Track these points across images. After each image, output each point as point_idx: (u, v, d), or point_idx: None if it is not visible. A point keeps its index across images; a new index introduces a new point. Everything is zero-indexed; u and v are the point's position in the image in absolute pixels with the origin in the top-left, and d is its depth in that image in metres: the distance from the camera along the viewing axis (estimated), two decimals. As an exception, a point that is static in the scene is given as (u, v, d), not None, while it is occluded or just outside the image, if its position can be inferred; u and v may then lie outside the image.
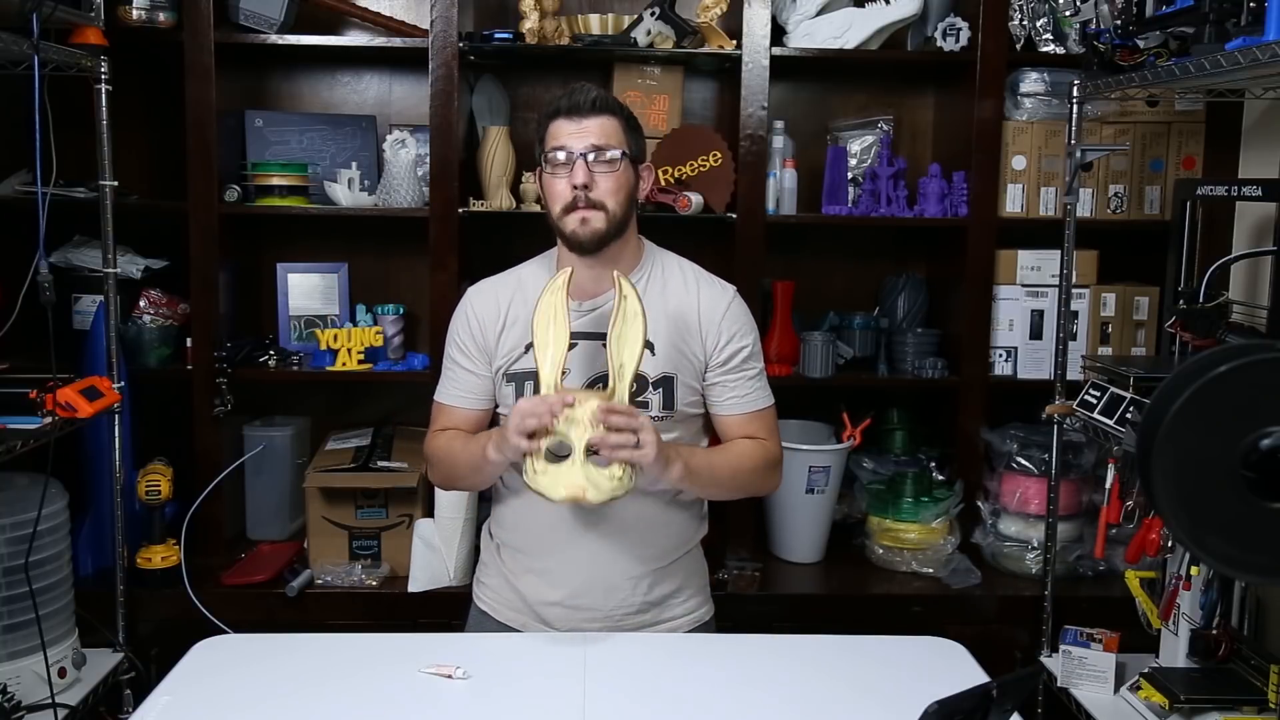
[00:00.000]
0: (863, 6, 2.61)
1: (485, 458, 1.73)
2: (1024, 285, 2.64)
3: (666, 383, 1.80)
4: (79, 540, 2.36)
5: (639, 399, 1.79)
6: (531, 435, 1.62)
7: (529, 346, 1.81)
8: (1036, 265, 2.63)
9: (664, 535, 1.85)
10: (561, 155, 1.75)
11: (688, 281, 1.87)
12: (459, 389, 1.88)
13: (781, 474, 1.94)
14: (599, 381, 1.79)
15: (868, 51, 2.61)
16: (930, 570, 2.54)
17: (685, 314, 1.83)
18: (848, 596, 2.49)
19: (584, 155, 1.74)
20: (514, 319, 1.85)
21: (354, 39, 2.62)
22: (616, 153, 1.76)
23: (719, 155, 2.53)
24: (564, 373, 1.71)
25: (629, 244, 1.84)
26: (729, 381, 1.84)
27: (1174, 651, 2.04)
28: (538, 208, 2.53)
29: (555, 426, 1.62)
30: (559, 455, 1.63)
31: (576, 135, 1.75)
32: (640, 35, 2.54)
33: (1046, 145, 2.60)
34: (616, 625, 1.83)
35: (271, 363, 2.58)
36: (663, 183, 2.55)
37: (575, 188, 1.74)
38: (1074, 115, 2.24)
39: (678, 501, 1.86)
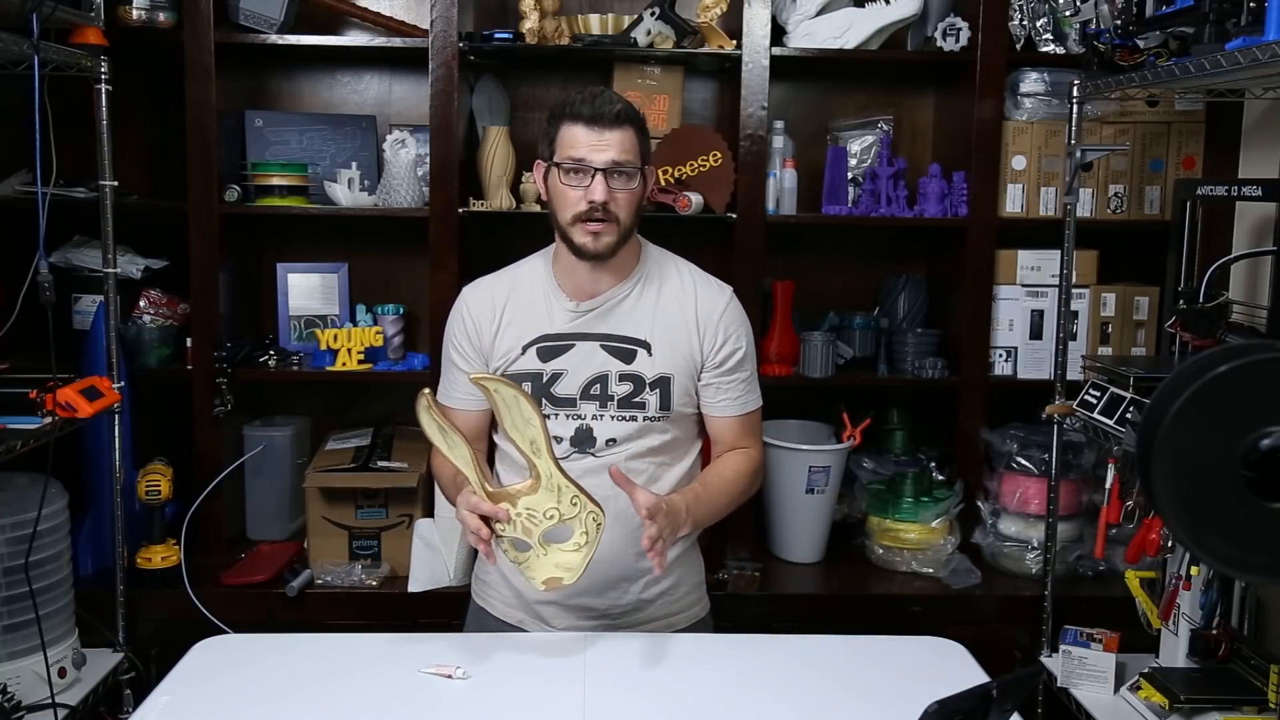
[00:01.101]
0: (863, 6, 2.61)
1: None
2: (1024, 285, 2.64)
3: (663, 383, 1.81)
4: (79, 540, 2.36)
5: (635, 399, 1.79)
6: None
7: (526, 347, 1.82)
8: (1036, 265, 2.63)
9: None
10: (579, 166, 1.73)
11: (684, 281, 1.87)
12: (459, 391, 1.88)
13: (762, 475, 1.95)
14: (595, 383, 1.79)
15: (868, 51, 2.61)
16: (930, 570, 2.54)
17: (683, 314, 1.83)
18: (848, 596, 2.49)
19: (603, 171, 1.72)
20: (510, 319, 1.84)
21: (354, 39, 2.62)
22: (635, 169, 1.75)
23: (719, 155, 2.53)
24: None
25: (630, 246, 1.84)
26: (723, 384, 1.84)
27: (1174, 651, 2.04)
28: (538, 208, 2.54)
29: (503, 531, 1.62)
30: (524, 544, 1.65)
31: (597, 148, 1.72)
32: (640, 35, 2.54)
33: (1046, 145, 2.59)
34: (612, 623, 1.83)
35: (271, 363, 2.58)
36: (663, 183, 2.55)
37: (592, 203, 1.72)
38: (1074, 115, 2.24)
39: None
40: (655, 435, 1.81)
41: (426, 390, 1.59)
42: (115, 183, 2.29)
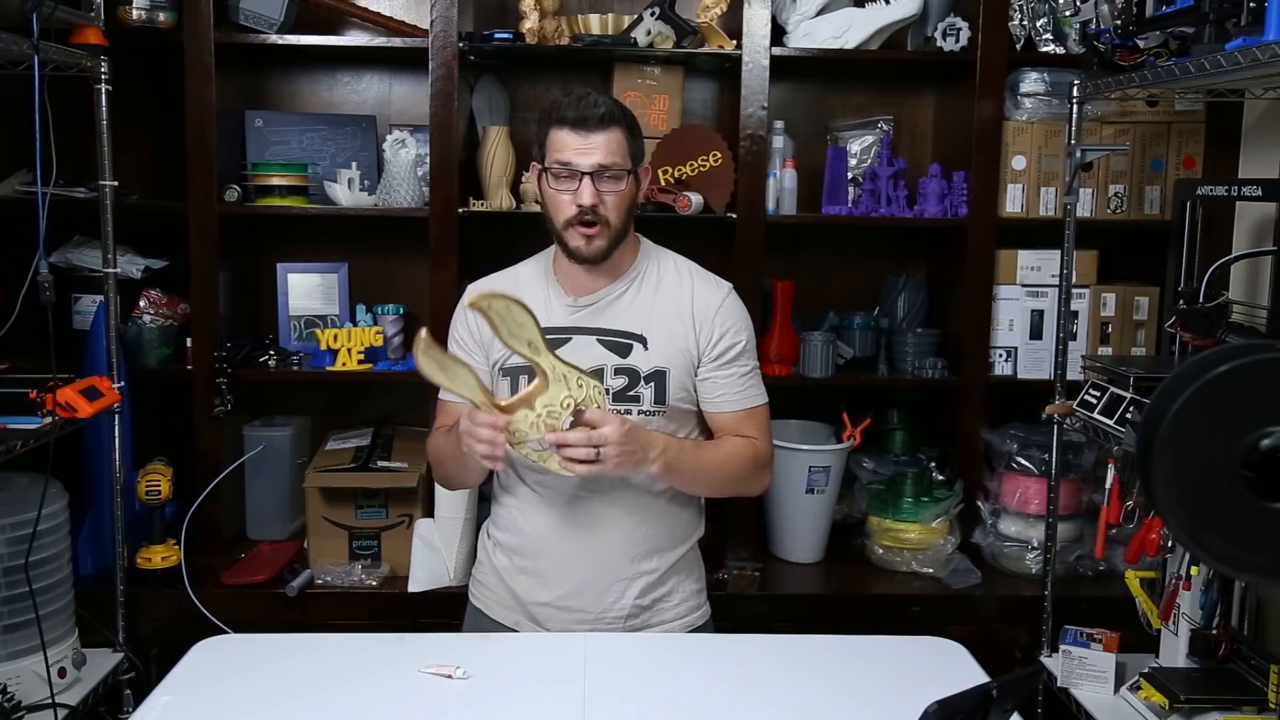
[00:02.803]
0: (863, 6, 2.61)
1: (462, 454, 1.73)
2: (1024, 285, 2.64)
3: (659, 377, 1.81)
4: (79, 540, 2.36)
5: (630, 393, 1.80)
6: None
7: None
8: (1036, 265, 2.63)
9: (657, 539, 1.85)
10: (566, 170, 1.74)
11: (682, 277, 1.88)
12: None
13: (771, 474, 1.94)
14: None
15: (868, 51, 2.61)
16: (930, 570, 2.53)
17: (679, 309, 1.84)
18: (848, 596, 2.49)
19: (591, 174, 1.73)
20: None
21: (354, 39, 2.62)
22: (623, 171, 1.75)
23: (719, 155, 2.53)
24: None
25: (626, 245, 1.85)
26: (720, 378, 1.84)
27: (1174, 651, 2.04)
28: (537, 208, 2.52)
29: (525, 439, 1.66)
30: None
31: (583, 152, 1.73)
32: (640, 35, 2.54)
33: (1046, 145, 2.59)
34: (607, 628, 1.83)
35: (271, 363, 2.58)
36: (663, 183, 2.55)
37: (581, 207, 1.73)
38: (1074, 115, 2.24)
39: (672, 505, 1.86)
40: (651, 429, 1.81)
41: (423, 331, 1.60)
42: (115, 183, 2.29)
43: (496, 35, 2.48)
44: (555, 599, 1.83)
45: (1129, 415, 1.95)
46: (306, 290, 2.72)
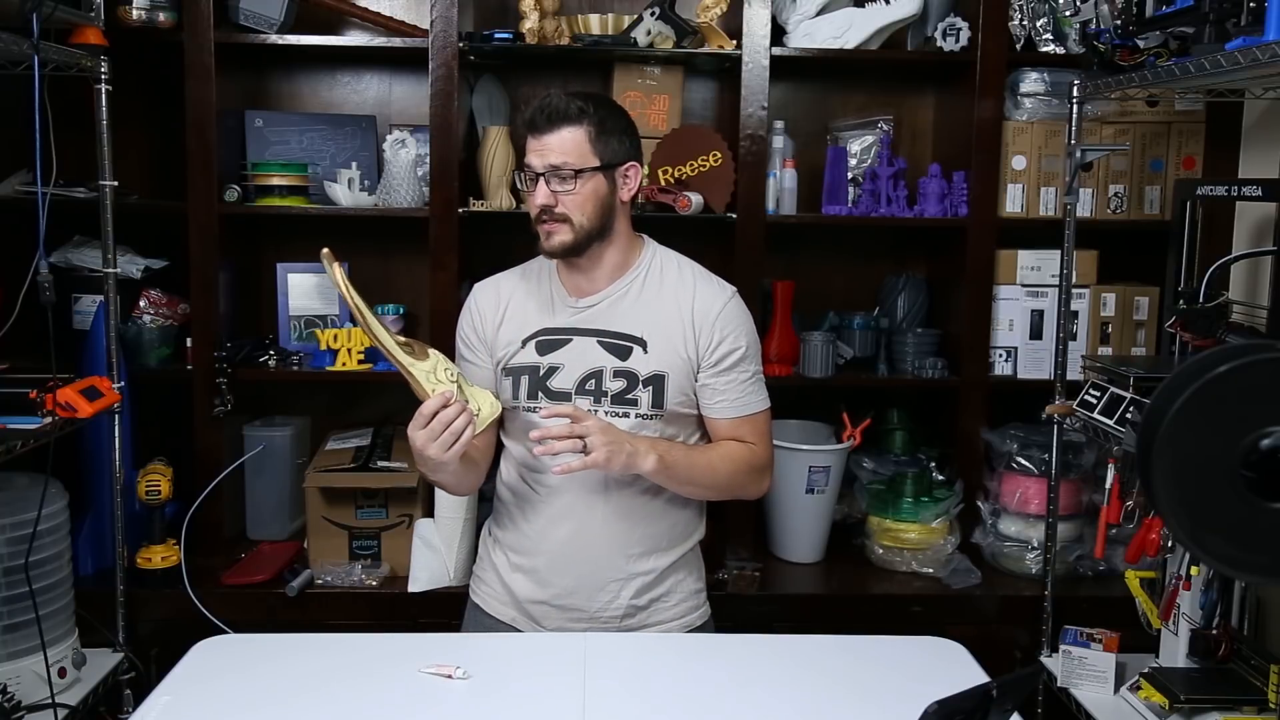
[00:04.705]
0: (863, 6, 2.61)
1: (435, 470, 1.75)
2: (1024, 285, 2.64)
3: (657, 381, 1.81)
4: (79, 540, 2.36)
5: (627, 396, 1.80)
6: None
7: (526, 340, 1.83)
8: (1036, 265, 2.63)
9: (654, 539, 1.85)
10: (528, 173, 1.78)
11: (684, 279, 1.87)
12: None
13: (771, 479, 1.93)
14: (590, 379, 1.80)
15: (868, 51, 2.61)
16: (930, 570, 2.53)
17: (680, 312, 1.83)
18: (848, 596, 2.49)
19: (543, 176, 1.75)
20: (513, 312, 1.87)
21: (354, 39, 2.62)
22: (572, 171, 1.75)
23: (719, 155, 2.53)
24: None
25: (615, 245, 1.84)
26: (720, 384, 1.84)
27: (1174, 651, 2.04)
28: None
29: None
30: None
31: (537, 153, 1.76)
32: (640, 35, 2.54)
33: (1046, 145, 2.59)
34: (603, 627, 1.83)
35: (271, 363, 2.58)
36: (663, 183, 2.55)
37: (538, 206, 1.76)
38: (1074, 115, 2.24)
39: (670, 506, 1.86)
40: (648, 434, 1.81)
41: (325, 250, 1.72)
42: (115, 183, 2.29)
43: (496, 35, 2.48)
44: (551, 597, 1.84)
45: (1129, 415, 1.95)
46: (306, 290, 2.72)
